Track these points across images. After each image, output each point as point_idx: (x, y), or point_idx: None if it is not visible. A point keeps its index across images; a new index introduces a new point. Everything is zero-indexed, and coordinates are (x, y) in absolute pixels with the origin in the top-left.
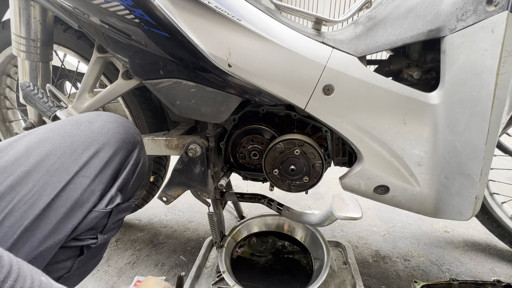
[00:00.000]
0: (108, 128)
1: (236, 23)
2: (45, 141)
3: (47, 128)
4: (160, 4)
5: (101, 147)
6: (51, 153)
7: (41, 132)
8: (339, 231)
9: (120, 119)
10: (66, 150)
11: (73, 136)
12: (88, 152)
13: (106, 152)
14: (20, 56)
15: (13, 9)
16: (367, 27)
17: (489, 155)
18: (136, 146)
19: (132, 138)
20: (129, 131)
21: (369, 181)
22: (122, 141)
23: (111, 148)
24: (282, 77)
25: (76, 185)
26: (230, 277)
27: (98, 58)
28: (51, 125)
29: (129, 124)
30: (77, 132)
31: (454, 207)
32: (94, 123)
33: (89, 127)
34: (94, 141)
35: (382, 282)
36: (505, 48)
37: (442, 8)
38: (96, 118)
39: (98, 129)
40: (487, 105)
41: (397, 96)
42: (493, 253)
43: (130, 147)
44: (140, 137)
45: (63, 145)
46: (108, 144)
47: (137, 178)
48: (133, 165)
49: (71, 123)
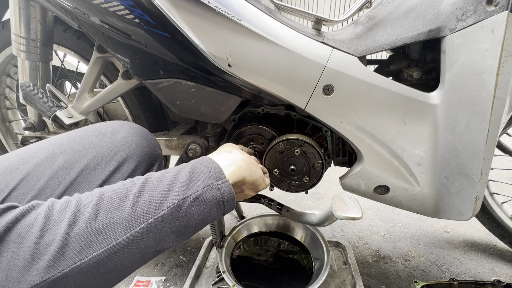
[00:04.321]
0: (131, 141)
1: (236, 23)
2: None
3: (69, 138)
4: (160, 4)
5: (124, 160)
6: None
7: (63, 143)
8: (339, 231)
9: (142, 131)
10: (90, 162)
11: (96, 148)
12: (111, 166)
13: (129, 165)
14: (20, 56)
15: (13, 9)
16: (367, 27)
17: (489, 155)
18: (157, 159)
19: (154, 151)
20: (152, 144)
21: (369, 181)
22: (144, 155)
23: (133, 161)
24: (282, 77)
25: None
26: (230, 277)
27: (98, 58)
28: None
29: (151, 136)
30: (101, 144)
31: (454, 207)
32: (117, 135)
33: (112, 139)
34: (117, 154)
35: (382, 282)
36: (505, 48)
37: (442, 8)
38: (120, 129)
39: (122, 141)
40: (487, 105)
41: (397, 96)
42: (493, 253)
43: (152, 161)
44: (160, 150)
45: (87, 157)
46: (131, 157)
47: None
48: None
49: (94, 134)
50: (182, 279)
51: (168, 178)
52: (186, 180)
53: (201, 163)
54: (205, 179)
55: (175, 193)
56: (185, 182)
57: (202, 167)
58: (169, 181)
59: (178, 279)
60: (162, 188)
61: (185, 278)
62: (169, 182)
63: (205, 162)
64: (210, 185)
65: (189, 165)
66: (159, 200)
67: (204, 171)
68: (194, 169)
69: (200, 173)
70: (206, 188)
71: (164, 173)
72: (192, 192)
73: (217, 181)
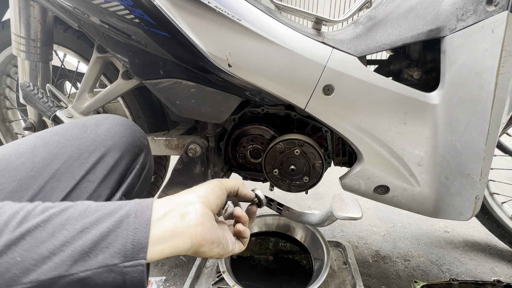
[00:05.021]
0: (114, 132)
1: (236, 23)
2: (50, 145)
3: (53, 131)
4: (160, 4)
5: (107, 151)
6: (56, 157)
7: (47, 136)
8: (339, 231)
9: (127, 122)
10: (72, 154)
11: (79, 140)
12: (94, 156)
13: (113, 156)
14: (20, 56)
15: (13, 9)
16: (367, 27)
17: (489, 155)
18: (143, 150)
19: (139, 141)
20: (136, 134)
21: (369, 181)
22: (128, 145)
23: (117, 152)
24: (282, 77)
25: (82, 190)
26: (230, 277)
27: (98, 58)
28: (57, 128)
29: (136, 127)
30: (83, 136)
31: (454, 207)
32: (100, 126)
33: (95, 130)
34: (100, 145)
35: (382, 282)
36: (505, 48)
37: (442, 8)
38: (103, 121)
39: (105, 132)
40: (487, 105)
41: (397, 96)
42: (493, 253)
43: (137, 151)
44: (146, 140)
45: (69, 149)
46: (114, 147)
47: (142, 182)
48: (139, 169)
49: (77, 126)
50: (182, 279)
51: (73, 228)
52: (89, 243)
53: (134, 222)
54: (111, 255)
55: (55, 262)
56: (84, 247)
57: (129, 229)
58: (69, 234)
59: (178, 279)
60: (48, 245)
61: (185, 278)
62: (66, 238)
63: (139, 223)
64: (111, 266)
65: (122, 214)
66: (23, 268)
67: (122, 238)
68: (116, 228)
69: (115, 239)
70: (102, 270)
71: (85, 213)
72: (79, 269)
73: (126, 261)
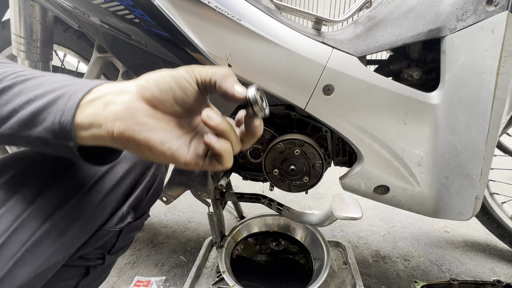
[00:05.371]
0: None
1: (236, 23)
2: None
3: None
4: (160, 4)
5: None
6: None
7: None
8: (339, 231)
9: None
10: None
11: None
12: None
13: (123, 166)
14: (20, 56)
15: (13, 9)
16: (367, 27)
17: (489, 155)
18: None
19: None
20: None
21: (369, 181)
22: None
23: (128, 162)
24: (282, 77)
25: (88, 199)
26: (230, 277)
27: (98, 58)
28: None
29: None
30: None
31: (454, 207)
32: None
33: None
34: None
35: (382, 282)
36: (505, 48)
37: (442, 8)
38: None
39: None
40: (487, 105)
41: (397, 96)
42: (493, 253)
43: (148, 163)
44: None
45: None
46: (125, 157)
47: (152, 194)
48: (149, 181)
49: None
50: (182, 279)
51: (25, 97)
52: (29, 114)
53: (65, 102)
54: (45, 129)
55: (10, 124)
56: (25, 117)
57: (59, 109)
58: (19, 102)
59: (178, 279)
60: (7, 107)
61: (185, 278)
62: (16, 105)
63: (69, 105)
64: (45, 139)
65: (61, 92)
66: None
67: (52, 116)
68: (51, 105)
69: (47, 116)
70: (40, 140)
71: (40, 85)
72: (24, 134)
73: (55, 139)
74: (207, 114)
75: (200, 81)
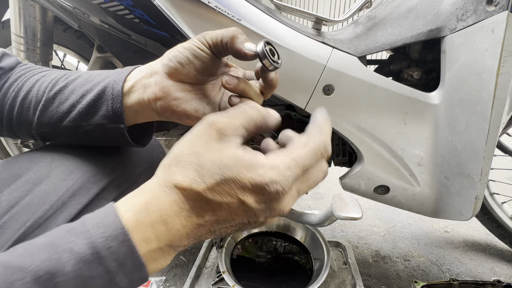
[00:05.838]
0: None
1: (236, 23)
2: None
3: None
4: (160, 4)
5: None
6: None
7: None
8: (339, 231)
9: None
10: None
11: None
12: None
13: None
14: (20, 56)
15: (13, 9)
16: (367, 27)
17: (489, 155)
18: None
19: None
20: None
21: (369, 181)
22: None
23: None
24: (282, 77)
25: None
26: (230, 277)
27: (98, 58)
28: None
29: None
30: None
31: (454, 207)
32: None
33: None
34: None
35: (382, 282)
36: (505, 48)
37: (442, 8)
38: None
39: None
40: (487, 105)
41: (397, 96)
42: (493, 253)
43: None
44: None
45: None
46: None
47: None
48: None
49: None
50: (182, 279)
51: (78, 93)
52: (85, 106)
53: (111, 92)
54: (101, 117)
55: (71, 117)
56: (82, 109)
57: (108, 99)
58: (75, 98)
59: (178, 279)
60: (66, 104)
61: (185, 278)
62: (73, 101)
63: (114, 94)
64: (102, 125)
65: (105, 84)
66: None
67: (105, 105)
68: (101, 97)
69: (101, 106)
70: (98, 127)
71: (87, 81)
72: (84, 124)
73: (110, 123)
74: (225, 79)
75: (212, 44)
